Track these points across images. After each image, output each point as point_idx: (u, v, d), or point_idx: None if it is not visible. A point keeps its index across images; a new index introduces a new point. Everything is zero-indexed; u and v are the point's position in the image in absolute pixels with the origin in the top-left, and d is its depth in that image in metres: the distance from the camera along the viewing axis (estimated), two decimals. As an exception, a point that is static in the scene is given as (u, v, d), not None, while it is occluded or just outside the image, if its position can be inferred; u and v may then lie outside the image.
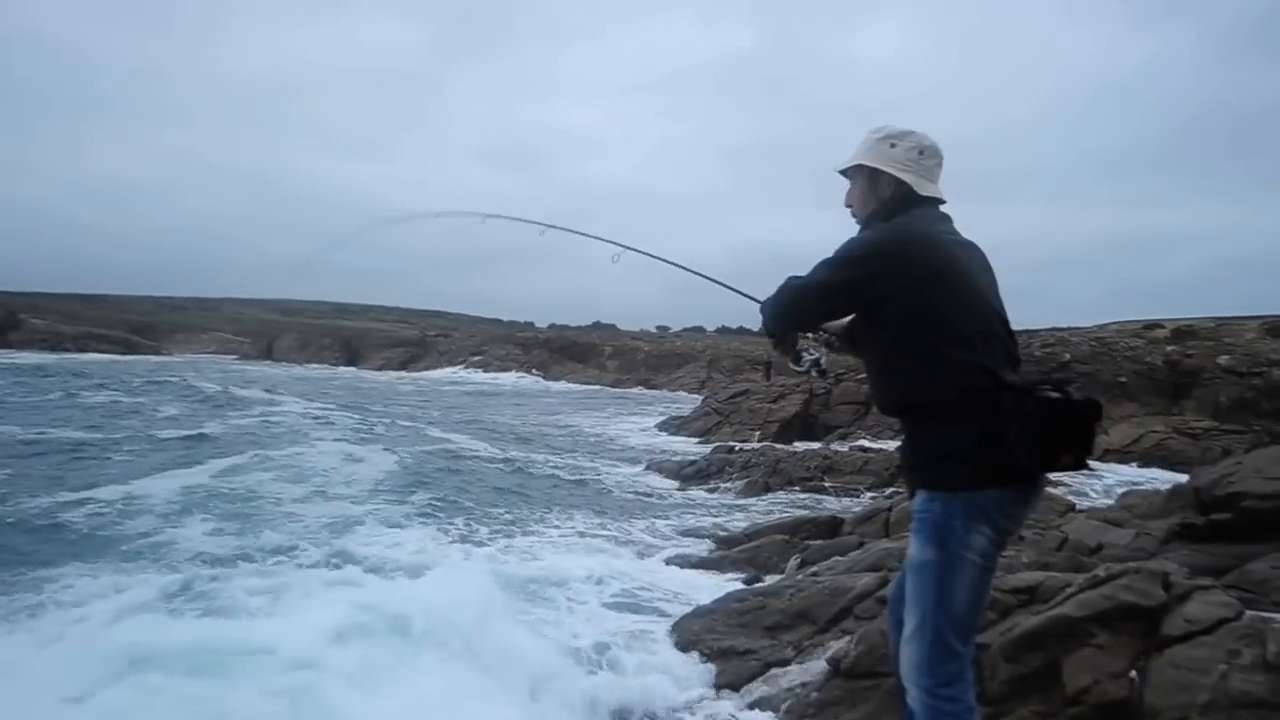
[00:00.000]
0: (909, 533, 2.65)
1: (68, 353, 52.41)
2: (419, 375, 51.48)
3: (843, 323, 2.89)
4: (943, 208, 2.76)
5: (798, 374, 3.16)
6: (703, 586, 6.44)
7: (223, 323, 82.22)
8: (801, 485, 11.97)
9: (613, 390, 43.20)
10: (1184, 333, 20.00)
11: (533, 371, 53.03)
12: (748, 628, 5.04)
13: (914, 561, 2.56)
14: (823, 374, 3.05)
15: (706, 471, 13.28)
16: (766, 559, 7.14)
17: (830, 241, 2.80)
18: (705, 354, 49.78)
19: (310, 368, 56.28)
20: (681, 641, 5.05)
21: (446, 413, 23.22)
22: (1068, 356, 18.50)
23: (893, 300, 2.53)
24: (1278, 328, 19.71)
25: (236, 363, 57.01)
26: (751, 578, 6.69)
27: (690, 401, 27.68)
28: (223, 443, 13.11)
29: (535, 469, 12.92)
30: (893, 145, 2.71)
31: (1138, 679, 3.35)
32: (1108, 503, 8.78)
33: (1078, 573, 4.21)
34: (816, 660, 4.32)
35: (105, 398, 20.39)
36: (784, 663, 4.52)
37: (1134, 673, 3.37)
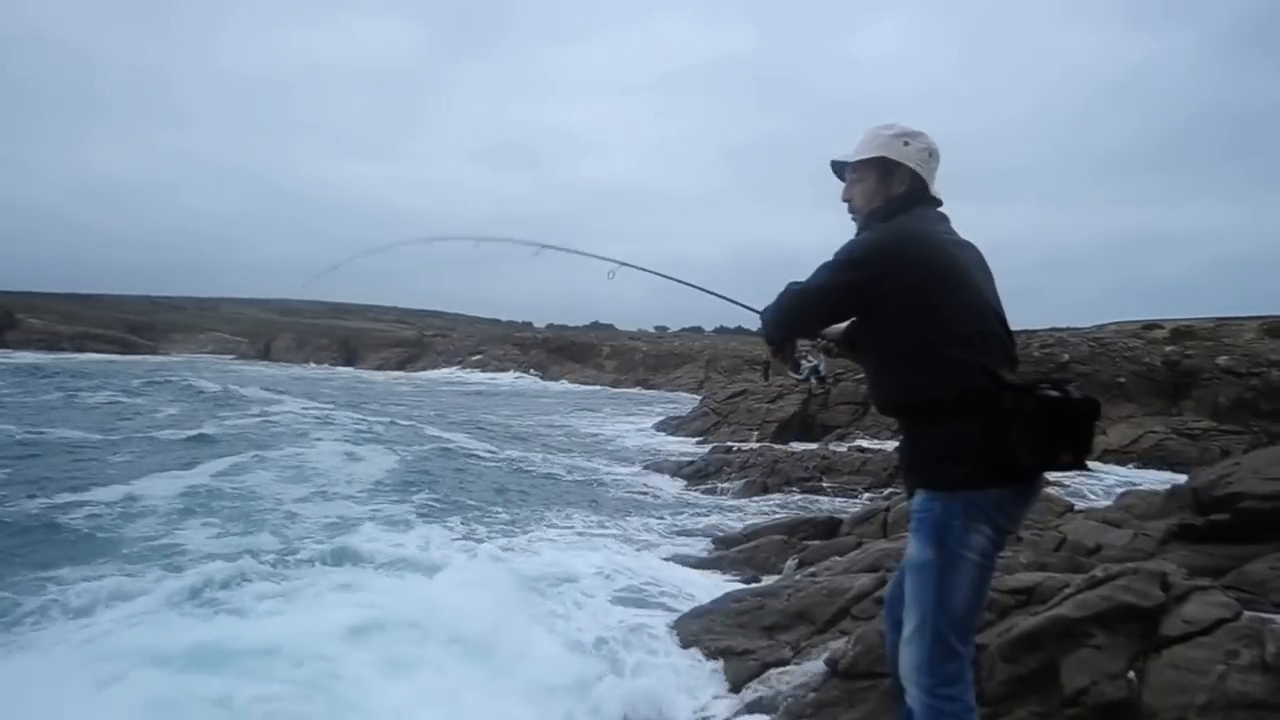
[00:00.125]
0: (907, 533, 2.65)
1: (65, 353, 52.42)
2: (417, 375, 51.49)
3: (840, 328, 2.88)
4: (941, 208, 2.76)
5: (798, 381, 3.15)
6: (701, 586, 6.41)
7: (220, 323, 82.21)
8: (799, 485, 11.96)
9: (611, 390, 43.21)
10: (1183, 333, 20.00)
11: (531, 371, 53.07)
12: (746, 628, 5.03)
13: (913, 561, 2.56)
14: (822, 381, 3.04)
15: (704, 472, 13.27)
16: (764, 559, 7.13)
17: (830, 241, 2.79)
18: (703, 354, 49.83)
19: (308, 368, 56.31)
20: (681, 642, 5.02)
21: (445, 412, 23.21)
22: (1066, 357, 18.49)
23: (893, 301, 2.53)
24: (1277, 328, 19.71)
25: (234, 363, 57.04)
26: (749, 578, 6.68)
27: (688, 402, 27.68)
28: (223, 443, 13.12)
29: (533, 469, 12.92)
30: (906, 143, 2.72)
31: (1136, 680, 3.35)
32: (1106, 503, 8.77)
33: (1076, 573, 4.21)
34: (814, 661, 4.31)
35: (104, 398, 20.41)
36: (782, 663, 4.50)
37: (1132, 673, 3.37)
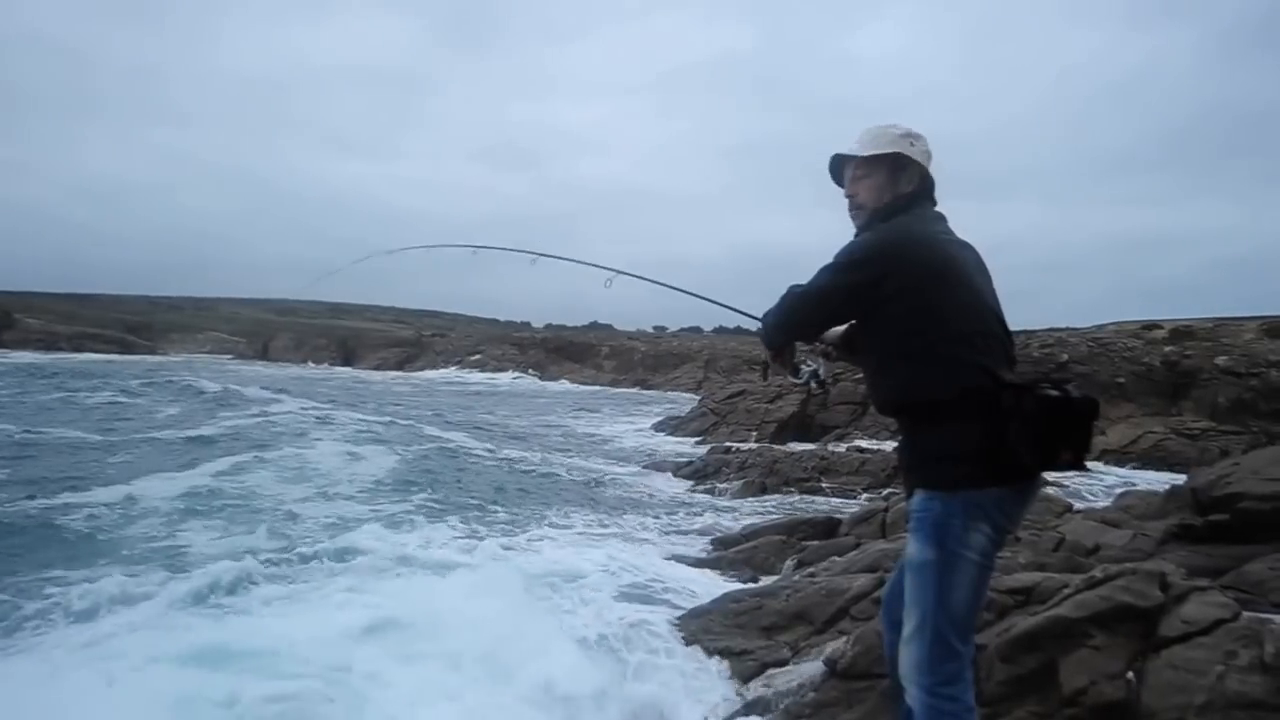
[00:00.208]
0: (907, 533, 2.64)
1: (63, 352, 52.44)
2: (415, 375, 51.48)
3: (838, 331, 2.89)
4: (939, 208, 2.77)
5: (797, 385, 3.14)
6: (702, 585, 6.41)
7: (218, 322, 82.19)
8: (798, 486, 11.93)
9: (609, 390, 43.23)
10: (1182, 333, 19.97)
11: (529, 371, 53.10)
12: (744, 628, 5.03)
13: (913, 561, 2.55)
14: (822, 385, 3.04)
15: (703, 472, 13.25)
16: (763, 560, 7.12)
17: (829, 241, 2.79)
18: (702, 354, 49.86)
19: (306, 368, 56.30)
20: (685, 640, 4.99)
21: (444, 412, 23.19)
22: (1065, 357, 18.48)
23: (895, 301, 2.54)
24: (1276, 328, 19.69)
25: (232, 363, 57.05)
26: (748, 578, 6.67)
27: (687, 402, 27.67)
28: (223, 443, 13.12)
29: (532, 469, 12.90)
30: (912, 143, 2.74)
31: (1135, 680, 3.34)
32: (1105, 503, 8.77)
33: (1075, 573, 4.20)
34: (813, 661, 4.31)
35: (103, 398, 20.40)
36: (781, 663, 4.50)
37: (1131, 674, 3.36)
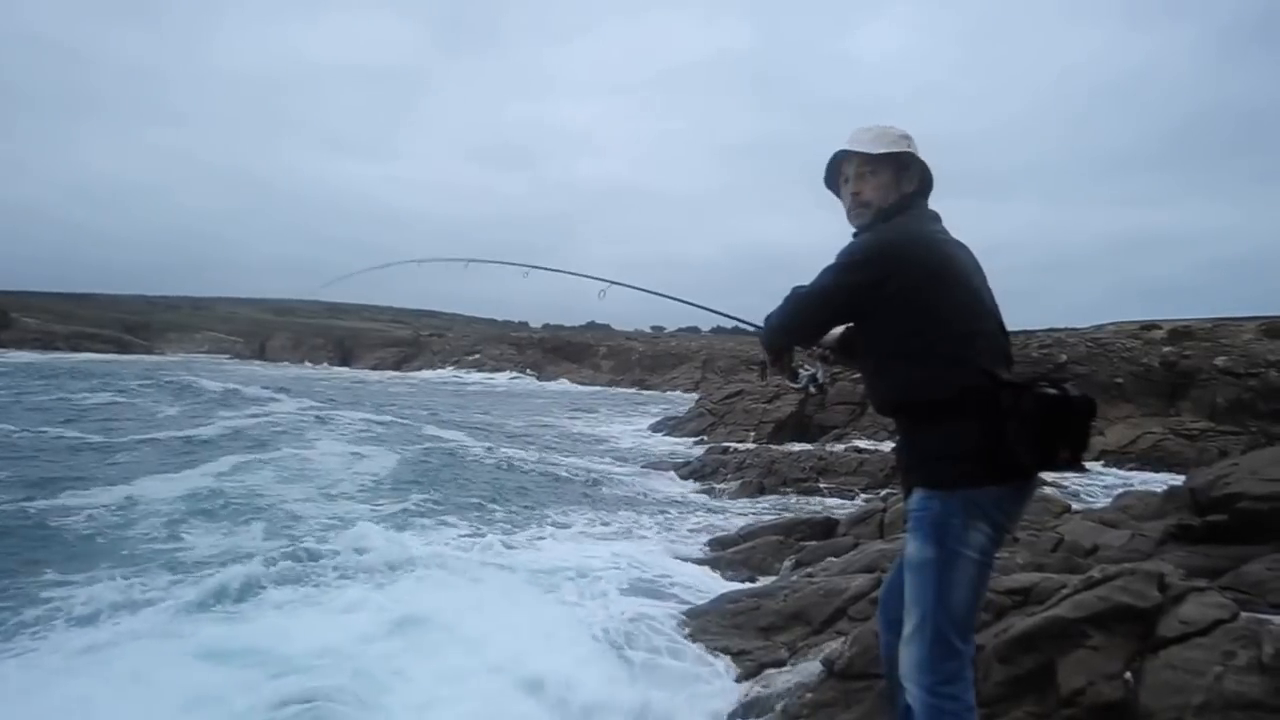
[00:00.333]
0: (905, 532, 2.64)
1: (60, 352, 52.40)
2: (413, 375, 51.48)
3: (836, 334, 2.90)
4: (936, 208, 2.77)
5: (796, 389, 3.14)
6: (704, 584, 6.43)
7: (216, 322, 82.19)
8: (796, 486, 11.94)
9: (607, 390, 43.25)
10: (1181, 333, 19.98)
11: (527, 371, 53.12)
12: (742, 629, 5.03)
13: (913, 560, 2.55)
14: (820, 389, 3.05)
15: (701, 472, 13.25)
16: (761, 560, 7.11)
17: (827, 240, 2.80)
18: (700, 354, 49.90)
19: (304, 367, 56.27)
20: (690, 638, 4.99)
21: (442, 412, 23.18)
22: (1064, 357, 18.48)
23: (895, 301, 2.54)
24: (1275, 328, 19.70)
25: (230, 362, 57.04)
26: (746, 579, 6.66)
27: (685, 402, 27.67)
28: (223, 443, 13.11)
29: (531, 468, 12.88)
30: (910, 144, 2.75)
31: (1132, 680, 3.34)
32: (1103, 504, 8.76)
33: (1073, 574, 4.19)
34: (811, 661, 4.30)
35: (102, 398, 20.36)
36: (779, 664, 4.50)
37: (1129, 674, 3.35)
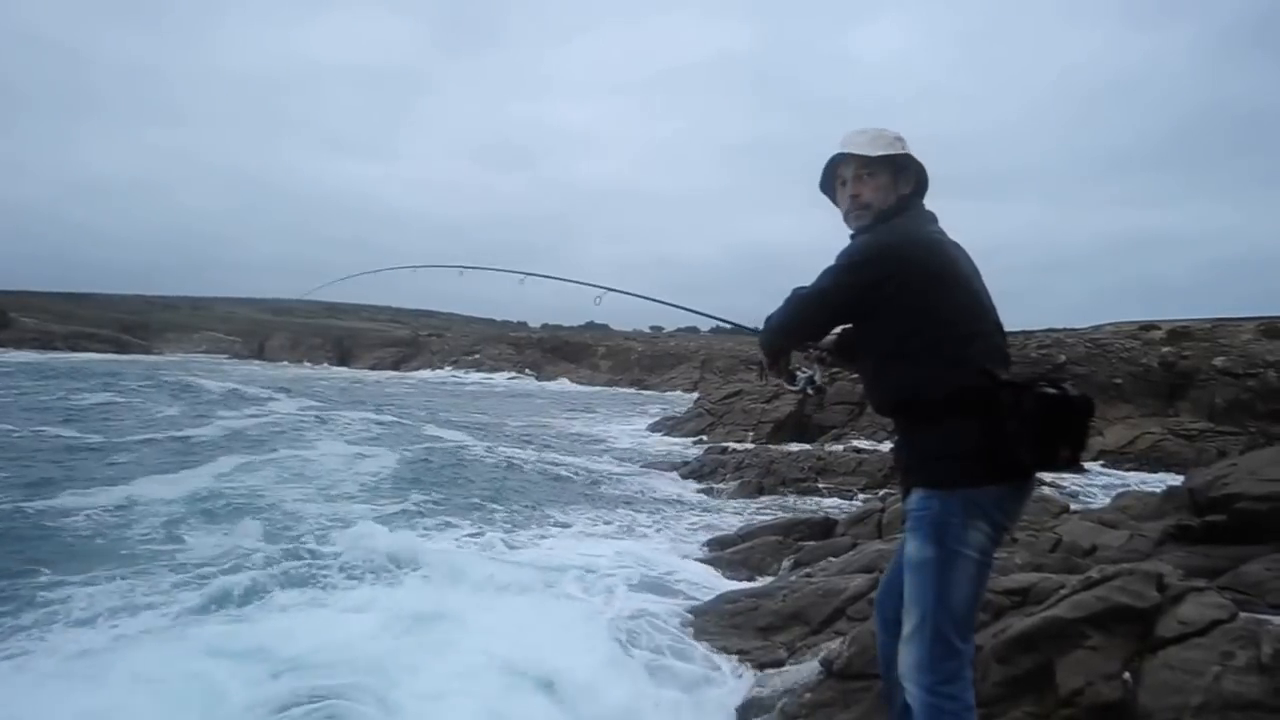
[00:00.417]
0: (904, 532, 2.64)
1: (58, 352, 52.29)
2: (412, 375, 51.46)
3: (832, 337, 2.92)
4: (936, 208, 2.78)
5: (793, 392, 3.15)
6: (710, 582, 6.44)
7: (214, 322, 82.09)
8: (795, 486, 11.94)
9: (606, 390, 43.26)
10: (1179, 334, 20.00)
11: (526, 371, 53.16)
12: (740, 629, 5.02)
13: (912, 560, 2.56)
14: (818, 390, 3.06)
15: (699, 472, 13.25)
16: (759, 560, 7.11)
17: (827, 241, 2.81)
18: (699, 354, 49.94)
19: (303, 367, 56.23)
20: (695, 636, 5.00)
21: (442, 412, 23.18)
22: (1063, 358, 18.49)
23: (896, 302, 2.55)
24: (1274, 329, 19.71)
25: (229, 362, 56.97)
26: (744, 579, 6.66)
27: (684, 402, 27.67)
28: (223, 443, 13.07)
29: (530, 468, 12.87)
30: (904, 146, 2.76)
31: (1131, 680, 3.33)
32: (1102, 504, 8.77)
33: (1071, 574, 4.19)
34: (809, 662, 4.30)
35: (101, 398, 20.28)
36: (777, 664, 4.50)
37: (1127, 674, 3.35)
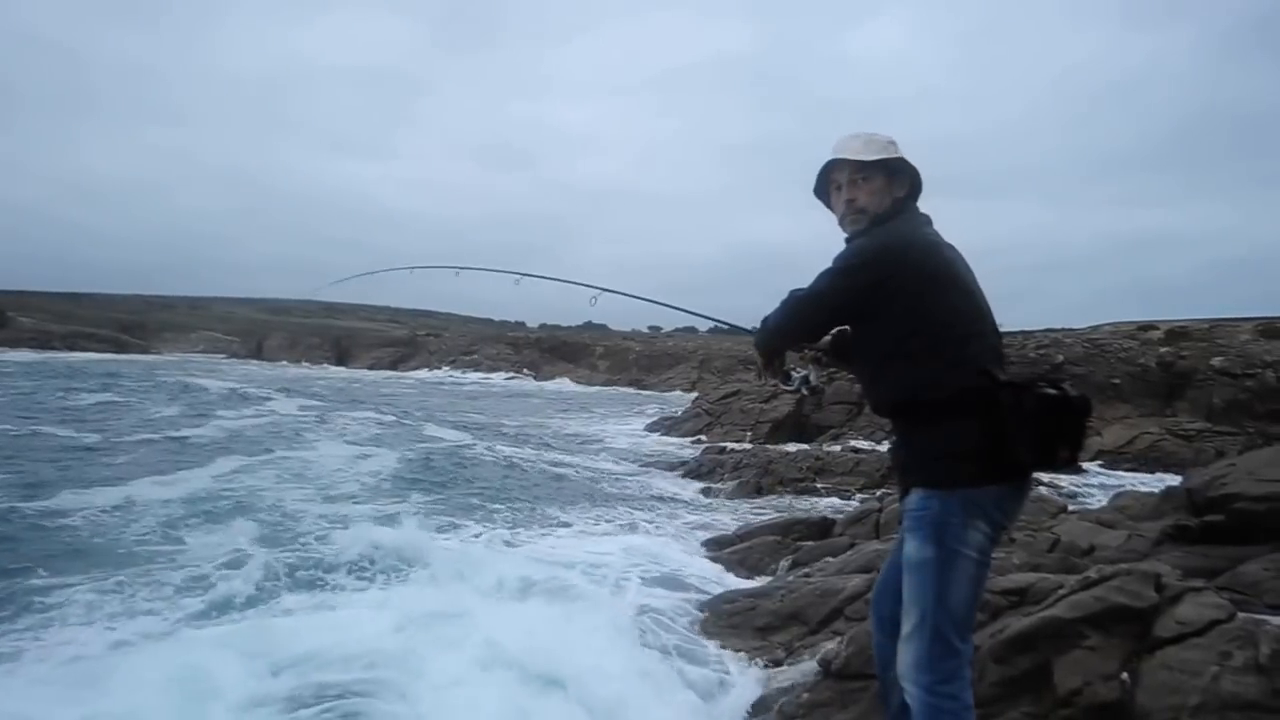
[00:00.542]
0: (904, 532, 2.64)
1: (56, 351, 52.20)
2: (410, 375, 51.46)
3: (828, 338, 2.93)
4: (936, 208, 2.78)
5: (789, 392, 3.15)
6: (715, 580, 6.46)
7: (212, 322, 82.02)
8: (793, 486, 11.93)
9: (604, 390, 43.26)
10: (1178, 334, 20.01)
11: (524, 371, 53.17)
12: (738, 629, 5.02)
13: (912, 560, 2.56)
14: (813, 391, 3.07)
15: (697, 472, 13.24)
16: (758, 560, 7.10)
17: (826, 241, 2.82)
18: (697, 354, 49.98)
19: (301, 367, 56.20)
20: (704, 635, 5.01)
21: (441, 412, 23.14)
22: (1061, 358, 18.49)
23: (894, 303, 2.56)
24: (1272, 329, 19.73)
25: (226, 362, 56.89)
26: (743, 578, 6.65)
27: (682, 402, 27.65)
28: (223, 443, 12.97)
29: (529, 468, 12.83)
30: (897, 149, 2.76)
31: (1129, 681, 3.33)
32: (1100, 504, 8.77)
33: (1069, 574, 4.19)
34: (807, 661, 4.30)
35: (100, 398, 20.19)
36: (775, 664, 4.50)
37: (1125, 674, 3.35)
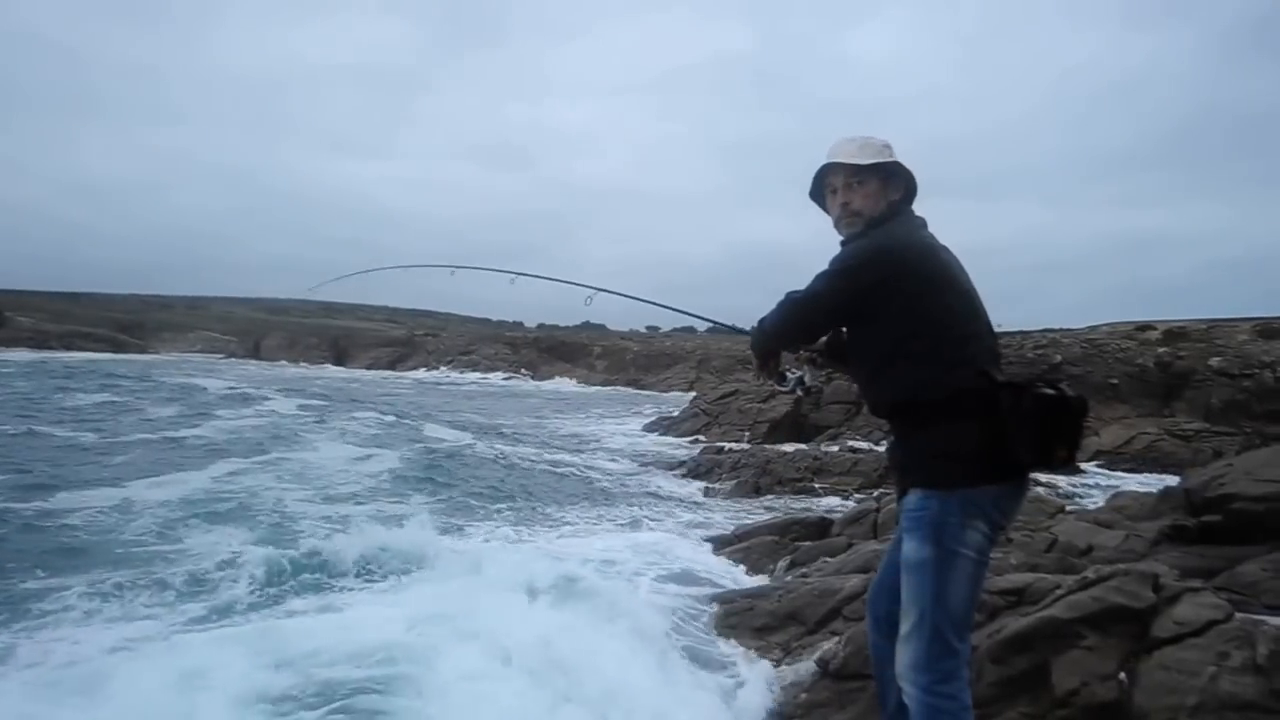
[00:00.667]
0: (901, 532, 2.64)
1: (53, 351, 52.15)
2: (408, 375, 51.44)
3: (823, 339, 2.93)
4: (936, 208, 2.78)
5: (784, 392, 3.15)
6: (731, 575, 6.49)
7: (210, 321, 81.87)
8: (791, 486, 11.94)
9: (602, 390, 43.27)
10: (1175, 334, 19.99)
11: (522, 371, 53.15)
12: (736, 629, 5.01)
13: (910, 560, 2.56)
14: (808, 391, 3.07)
15: (695, 472, 13.24)
16: (755, 560, 7.09)
17: (824, 241, 2.82)
18: (695, 354, 49.99)
19: (299, 367, 56.14)
20: (719, 633, 5.01)
21: (439, 412, 23.13)
22: (1059, 358, 18.49)
23: (892, 305, 2.56)
24: (1270, 329, 19.72)
25: (224, 362, 56.83)
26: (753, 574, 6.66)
27: (680, 402, 27.63)
28: (222, 444, 12.91)
29: (527, 468, 12.83)
30: (891, 153, 2.77)
31: (1127, 681, 3.33)
32: (1098, 504, 8.77)
33: (1067, 574, 4.19)
34: (805, 662, 4.30)
35: (98, 398, 20.11)
36: (773, 664, 4.48)
37: (1123, 674, 3.35)
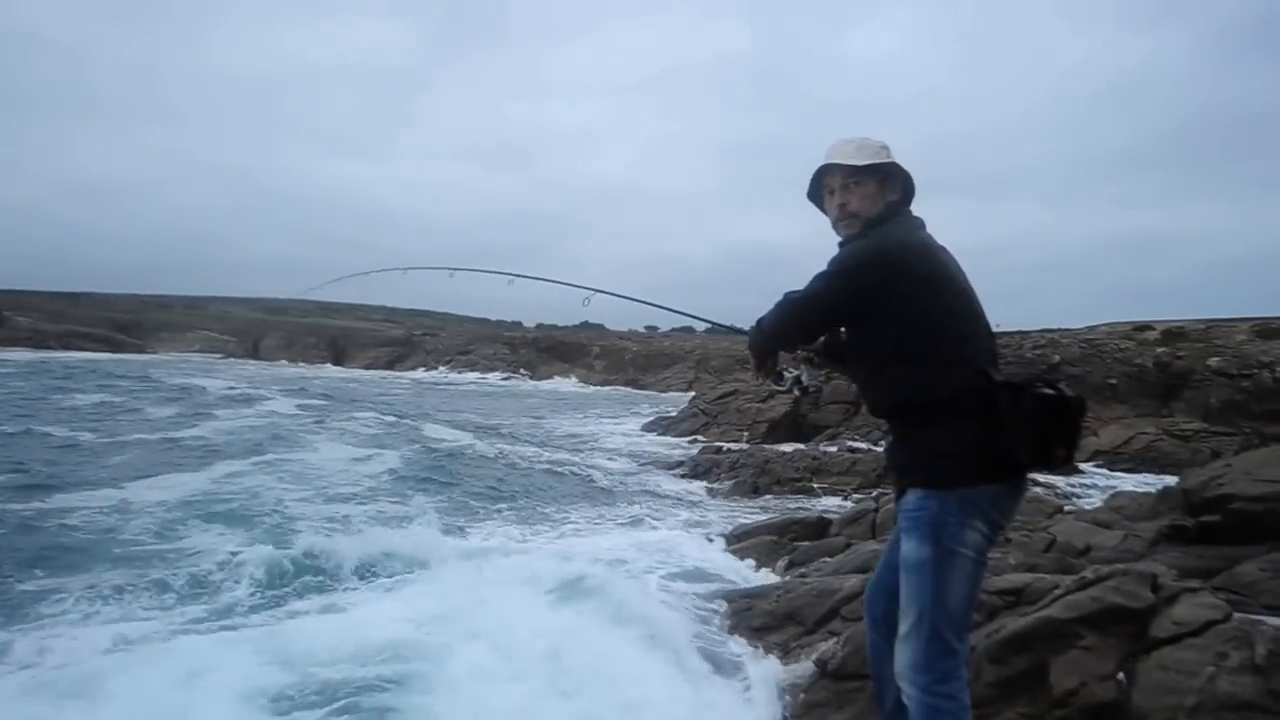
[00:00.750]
0: (900, 532, 2.64)
1: (51, 351, 52.09)
2: (406, 375, 51.41)
3: (821, 339, 2.93)
4: (936, 208, 2.78)
5: (781, 392, 3.15)
6: (741, 572, 6.53)
7: (209, 321, 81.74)
8: (789, 486, 11.93)
9: (601, 390, 43.30)
10: (1174, 334, 20.00)
11: (520, 371, 53.13)
12: (734, 629, 5.01)
13: (909, 560, 2.56)
14: (805, 391, 3.07)
15: (694, 472, 13.24)
16: (754, 560, 7.09)
17: (823, 241, 2.83)
18: (694, 354, 49.96)
19: (297, 366, 56.10)
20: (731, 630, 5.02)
21: (438, 412, 23.11)
22: (1058, 358, 18.49)
23: (891, 305, 2.57)
24: (1268, 330, 19.75)
25: (223, 362, 56.77)
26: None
27: (678, 402, 27.61)
28: (221, 444, 12.85)
29: (526, 468, 12.80)
30: (889, 154, 2.77)
31: (1125, 681, 3.33)
32: (1096, 504, 8.77)
33: (1066, 574, 4.19)
34: (804, 662, 4.29)
35: (97, 398, 20.05)
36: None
37: (1121, 675, 3.35)
